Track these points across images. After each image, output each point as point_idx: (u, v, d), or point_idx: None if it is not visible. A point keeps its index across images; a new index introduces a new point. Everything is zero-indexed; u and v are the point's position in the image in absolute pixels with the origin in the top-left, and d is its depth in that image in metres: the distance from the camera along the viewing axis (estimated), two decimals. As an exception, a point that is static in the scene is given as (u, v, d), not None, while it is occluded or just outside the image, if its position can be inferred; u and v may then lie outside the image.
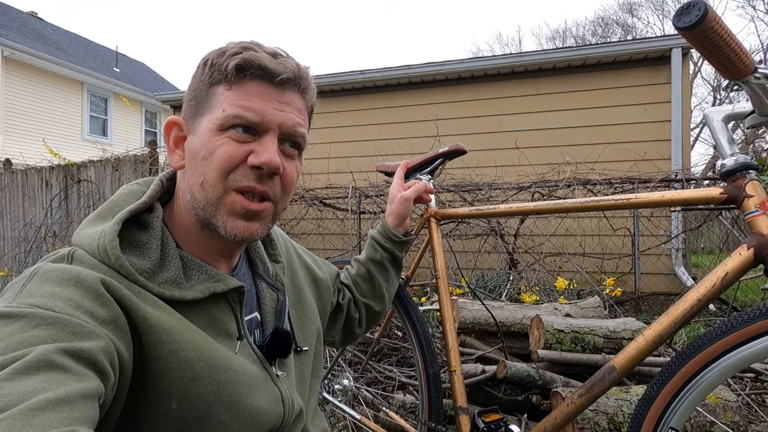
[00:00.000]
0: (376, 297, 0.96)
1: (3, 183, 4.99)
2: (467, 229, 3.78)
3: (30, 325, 0.40)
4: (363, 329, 0.97)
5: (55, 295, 0.44)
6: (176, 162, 0.60)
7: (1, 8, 11.79)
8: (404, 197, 0.97)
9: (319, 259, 0.88)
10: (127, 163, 4.32)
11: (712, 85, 16.30)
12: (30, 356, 0.37)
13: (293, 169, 0.60)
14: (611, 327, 1.61)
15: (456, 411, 0.99)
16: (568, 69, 4.68)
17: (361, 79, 5.21)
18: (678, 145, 4.27)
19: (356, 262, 0.98)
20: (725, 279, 0.70)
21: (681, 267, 4.07)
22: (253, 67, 0.55)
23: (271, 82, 0.56)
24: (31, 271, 0.47)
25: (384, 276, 0.96)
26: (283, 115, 0.57)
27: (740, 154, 0.70)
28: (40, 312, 0.41)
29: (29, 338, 0.39)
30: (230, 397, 0.53)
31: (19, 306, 0.42)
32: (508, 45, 24.18)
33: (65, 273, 0.46)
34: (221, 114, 0.55)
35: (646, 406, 0.74)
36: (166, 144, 0.61)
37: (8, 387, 0.34)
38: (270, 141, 0.56)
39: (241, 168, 0.55)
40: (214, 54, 0.57)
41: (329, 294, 0.83)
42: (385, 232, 0.96)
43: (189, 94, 0.59)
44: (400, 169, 1.08)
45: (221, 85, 0.56)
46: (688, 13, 0.54)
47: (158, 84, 14.42)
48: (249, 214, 0.56)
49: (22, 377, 0.35)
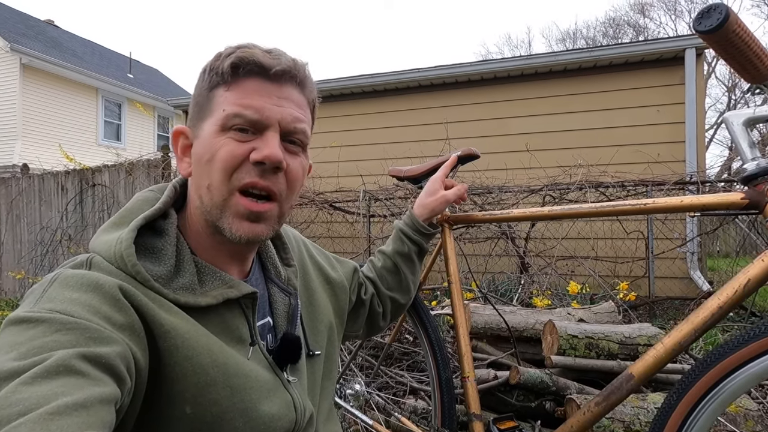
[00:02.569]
0: (402, 289, 0.95)
1: (20, 187, 5.10)
2: (478, 232, 3.76)
3: (50, 330, 0.41)
4: (387, 322, 0.97)
5: (75, 300, 0.44)
6: (185, 170, 0.60)
7: (20, 17, 12.10)
8: (446, 197, 0.97)
9: (333, 258, 0.87)
10: (140, 167, 4.39)
11: (726, 86, 16.04)
12: (50, 361, 0.38)
13: (298, 165, 0.60)
14: (626, 332, 1.58)
15: (469, 417, 0.98)
16: (579, 71, 4.64)
17: (371, 83, 5.22)
18: (693, 147, 4.20)
19: (381, 254, 0.97)
20: (747, 286, 0.68)
21: (697, 271, 4.00)
22: (248, 64, 0.55)
23: (268, 78, 0.56)
24: (52, 277, 0.48)
25: (410, 268, 0.96)
26: (282, 110, 0.57)
27: (762, 159, 0.69)
28: (60, 317, 0.42)
29: (49, 343, 0.40)
30: (243, 403, 0.54)
31: (40, 311, 0.42)
32: (518, 47, 24.10)
33: (84, 279, 0.47)
34: (221, 114, 0.55)
35: (665, 415, 0.72)
36: (175, 153, 0.62)
37: (29, 391, 0.35)
38: (271, 137, 0.56)
39: (244, 166, 0.55)
40: (211, 60, 0.58)
41: (345, 293, 0.82)
42: (414, 224, 0.96)
43: (192, 102, 0.60)
44: (449, 163, 1.04)
45: (220, 87, 0.57)
46: (709, 17, 0.53)
47: (171, 89, 14.63)
48: (253, 215, 0.56)
49: (42, 381, 0.36)
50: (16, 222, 5.13)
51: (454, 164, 1.05)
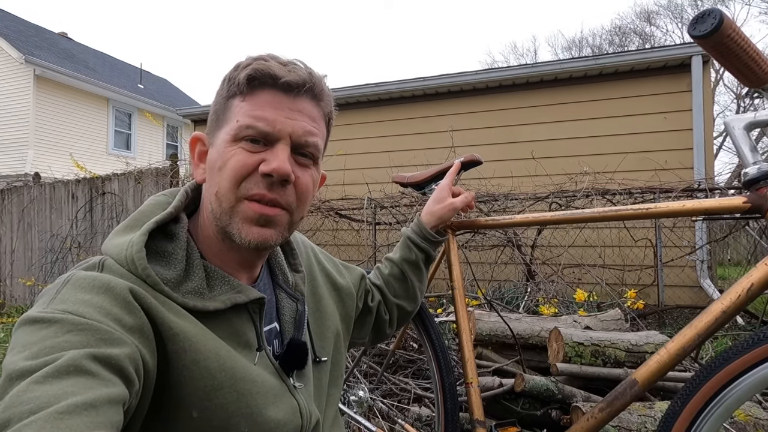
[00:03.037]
0: (409, 297, 0.95)
1: (32, 195, 5.19)
2: (483, 239, 3.75)
3: (62, 331, 0.42)
4: (394, 329, 0.97)
5: (86, 302, 0.45)
6: (200, 176, 0.62)
7: (35, 30, 12.40)
8: (454, 205, 0.98)
9: (341, 264, 0.87)
10: (149, 176, 4.45)
11: (735, 93, 15.92)
12: (61, 361, 0.38)
13: (307, 177, 0.60)
14: (633, 340, 1.57)
15: (473, 424, 0.97)
16: (585, 78, 4.64)
17: (376, 92, 5.26)
18: (700, 154, 4.17)
19: (389, 261, 0.97)
20: (751, 290, 0.68)
21: (707, 279, 3.94)
22: (263, 76, 0.56)
23: (282, 90, 0.57)
24: (65, 278, 0.49)
25: (418, 276, 0.96)
26: (294, 124, 0.57)
27: (763, 163, 0.68)
28: (71, 318, 0.43)
29: (61, 343, 0.40)
30: (249, 408, 0.54)
31: (52, 312, 0.43)
32: (524, 55, 24.17)
33: (96, 281, 0.48)
34: (235, 125, 0.57)
35: (669, 422, 0.71)
36: (192, 159, 0.63)
37: (40, 390, 0.36)
38: (281, 150, 0.57)
39: (252, 177, 0.56)
40: (231, 69, 0.59)
41: (352, 300, 0.82)
42: (422, 231, 0.96)
43: (211, 110, 0.62)
44: (454, 169, 1.05)
45: (236, 97, 0.58)
46: (703, 22, 0.54)
47: (180, 99, 14.85)
48: (263, 219, 0.57)
49: (53, 381, 0.37)
50: (27, 230, 5.20)
51: (458, 170, 1.06)
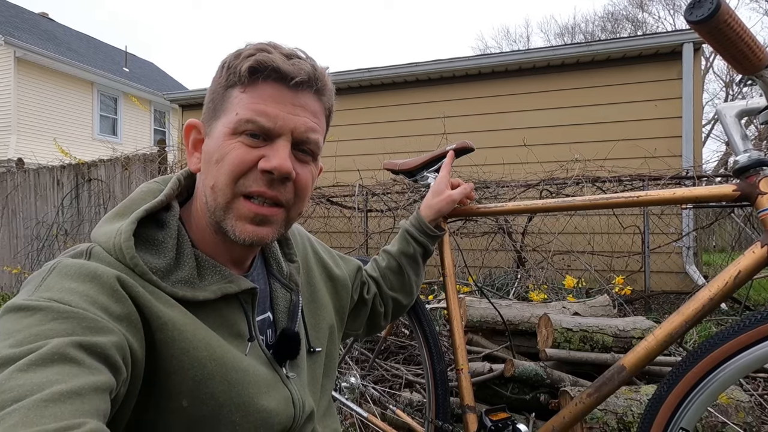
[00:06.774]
0: (405, 291, 0.95)
1: (16, 182, 5.07)
2: (475, 227, 3.76)
3: (47, 319, 0.41)
4: (388, 322, 0.97)
5: (72, 290, 0.45)
6: (194, 165, 0.60)
7: (14, 10, 11.97)
8: (452, 197, 0.97)
9: (337, 255, 0.86)
10: (136, 162, 4.37)
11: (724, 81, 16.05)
12: (45, 349, 0.38)
13: (307, 174, 0.59)
14: (620, 326, 1.59)
15: (463, 409, 0.98)
16: (577, 65, 4.63)
17: (368, 77, 5.20)
18: (689, 142, 4.21)
19: (386, 254, 0.96)
20: (738, 277, 0.69)
21: (692, 265, 4.02)
22: (267, 69, 0.54)
23: (285, 85, 0.55)
24: (51, 265, 0.48)
25: (415, 270, 0.96)
26: (296, 120, 0.56)
27: (754, 151, 0.69)
28: (57, 306, 0.42)
29: (45, 331, 0.40)
30: (241, 398, 0.54)
31: (37, 299, 0.43)
32: (516, 41, 24.01)
33: (83, 269, 0.47)
34: (234, 117, 0.55)
35: (656, 406, 0.73)
36: (186, 147, 0.61)
37: (23, 378, 0.35)
38: (282, 146, 0.55)
39: (251, 173, 0.55)
40: (231, 56, 0.57)
41: (347, 291, 0.81)
42: (421, 225, 0.95)
43: (208, 97, 0.59)
44: (449, 160, 1.03)
45: (236, 87, 0.55)
46: (700, 7, 0.53)
47: (167, 83, 14.54)
48: (258, 218, 0.56)
49: (36, 369, 0.36)
50: (12, 217, 5.10)
51: (453, 160, 1.05)
